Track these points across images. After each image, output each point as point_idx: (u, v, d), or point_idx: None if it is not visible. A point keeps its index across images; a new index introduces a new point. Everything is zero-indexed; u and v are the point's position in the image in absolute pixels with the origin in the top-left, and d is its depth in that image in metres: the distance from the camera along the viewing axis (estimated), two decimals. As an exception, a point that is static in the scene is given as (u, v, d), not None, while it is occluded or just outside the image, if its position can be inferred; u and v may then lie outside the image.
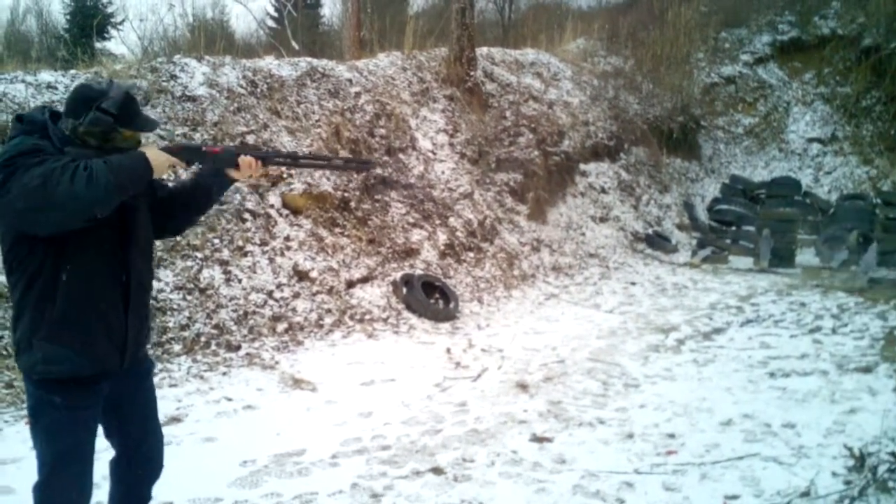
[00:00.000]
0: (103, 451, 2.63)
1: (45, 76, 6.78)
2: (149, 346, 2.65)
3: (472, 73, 11.36)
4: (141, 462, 2.53)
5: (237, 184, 2.90)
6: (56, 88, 6.63)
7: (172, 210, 2.55)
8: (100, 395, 2.30)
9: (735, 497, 3.49)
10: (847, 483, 3.55)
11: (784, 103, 16.83)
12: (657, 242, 12.14)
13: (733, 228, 12.85)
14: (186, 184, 2.58)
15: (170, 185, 2.66)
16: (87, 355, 2.21)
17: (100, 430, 2.43)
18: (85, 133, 2.19)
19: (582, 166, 12.50)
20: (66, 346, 2.17)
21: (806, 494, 3.46)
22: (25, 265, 2.15)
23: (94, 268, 2.21)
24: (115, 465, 2.54)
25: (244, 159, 2.45)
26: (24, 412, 4.38)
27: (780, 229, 11.59)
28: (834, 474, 3.68)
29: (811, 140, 15.90)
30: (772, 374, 5.58)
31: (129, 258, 2.30)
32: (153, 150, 2.26)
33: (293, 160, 3.05)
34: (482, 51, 12.77)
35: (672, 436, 4.33)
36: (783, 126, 16.44)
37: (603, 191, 12.51)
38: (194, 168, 2.51)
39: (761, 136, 16.41)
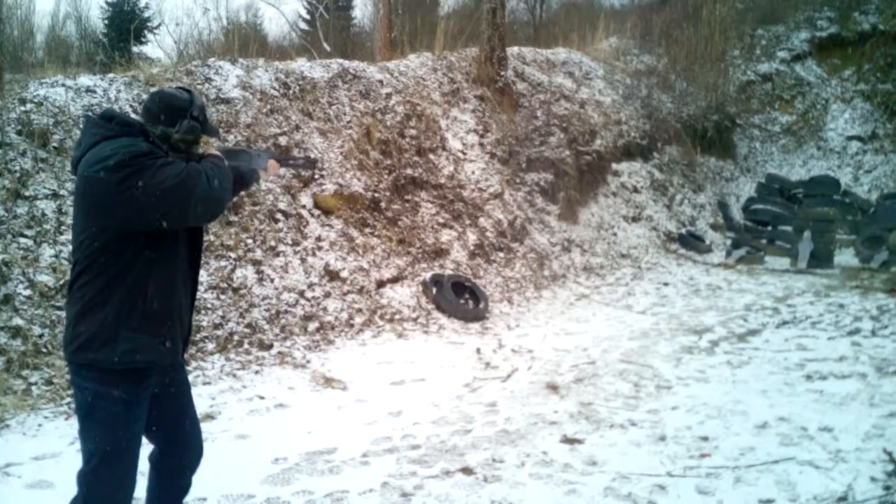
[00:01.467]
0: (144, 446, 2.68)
1: (85, 80, 6.93)
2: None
3: (502, 73, 11.33)
4: (182, 450, 2.60)
5: (270, 184, 3.20)
6: (95, 92, 6.78)
7: None
8: (151, 388, 2.39)
9: (770, 501, 3.42)
10: (886, 488, 3.46)
11: (822, 101, 16.47)
12: (691, 242, 11.97)
13: (769, 228, 12.61)
14: None
15: None
16: (169, 346, 2.35)
17: None
18: (179, 140, 2.35)
19: (614, 166, 12.38)
20: (154, 336, 2.29)
21: (843, 500, 3.38)
22: (115, 258, 2.23)
23: (176, 263, 2.37)
24: (157, 458, 2.61)
25: (272, 162, 2.81)
26: (64, 408, 4.49)
27: (819, 229, 11.33)
28: (873, 479, 3.59)
29: (851, 138, 15.53)
30: (809, 377, 5.46)
31: (197, 257, 2.51)
32: (218, 154, 2.48)
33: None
34: (513, 50, 12.74)
35: (705, 438, 4.27)
36: (821, 124, 16.08)
37: (635, 190, 12.38)
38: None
39: (799, 135, 16.08)
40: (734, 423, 4.53)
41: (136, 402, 2.32)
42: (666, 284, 9.75)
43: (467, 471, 3.87)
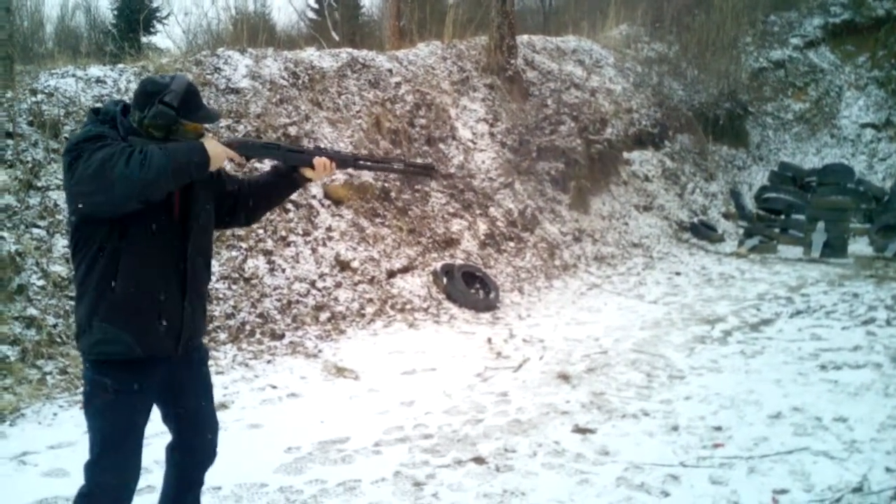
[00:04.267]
0: (154, 437, 2.69)
1: (94, 71, 6.94)
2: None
3: (512, 62, 11.26)
4: (195, 447, 2.58)
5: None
6: (105, 83, 6.79)
7: (247, 201, 2.64)
8: (152, 379, 2.35)
9: (784, 491, 3.41)
10: (903, 479, 3.44)
11: (836, 88, 16.29)
12: (703, 232, 11.90)
13: (782, 217, 12.51)
14: (263, 178, 2.69)
15: (245, 177, 2.76)
16: (142, 339, 2.26)
17: (157, 414, 2.49)
18: (149, 126, 2.28)
19: (625, 154, 12.31)
20: (121, 328, 2.24)
21: (858, 490, 3.36)
22: (88, 247, 2.24)
23: (152, 254, 2.28)
24: (171, 450, 2.60)
25: (319, 160, 2.55)
26: (78, 398, 4.52)
27: (832, 218, 11.22)
28: (888, 470, 3.56)
29: (865, 125, 15.37)
30: (823, 367, 5.43)
31: (187, 248, 2.37)
32: (211, 142, 2.33)
33: (364, 162, 2.95)
34: (523, 38, 12.65)
35: (719, 428, 4.25)
36: (835, 111, 15.92)
37: (647, 179, 12.31)
38: (270, 163, 2.58)
39: (812, 122, 15.92)
40: (748, 413, 4.51)
41: (130, 391, 2.29)
42: (678, 274, 9.71)
43: (479, 460, 3.87)
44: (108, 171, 2.08)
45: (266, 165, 5.84)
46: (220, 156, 2.34)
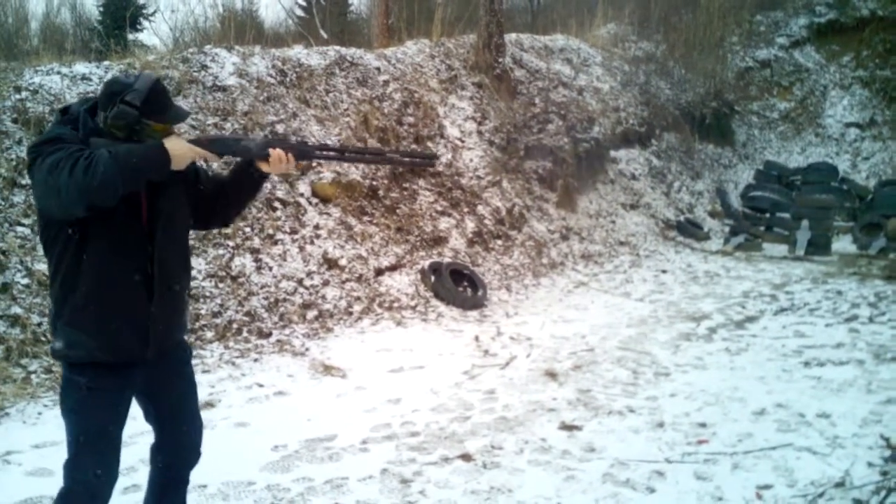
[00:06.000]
0: (139, 435, 2.68)
1: (80, 68, 6.89)
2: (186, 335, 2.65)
3: (500, 60, 11.28)
4: (178, 447, 2.55)
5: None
6: (90, 80, 6.74)
7: (217, 201, 2.54)
8: (127, 379, 2.32)
9: (768, 487, 3.45)
10: (884, 474, 3.48)
11: (821, 87, 16.42)
12: (689, 230, 11.98)
13: (767, 215, 12.62)
14: (226, 177, 2.57)
15: (218, 175, 2.68)
16: (104, 343, 2.21)
17: (140, 413, 2.49)
18: (111, 126, 2.20)
19: (612, 153, 12.36)
20: (83, 333, 2.20)
21: (841, 485, 3.40)
22: (54, 248, 2.23)
23: (115, 257, 2.22)
24: (155, 449, 2.58)
25: (274, 152, 2.37)
26: (63, 397, 4.50)
27: (817, 216, 11.34)
28: (870, 465, 3.61)
29: (849, 125, 15.50)
30: (806, 364, 5.49)
31: (155, 250, 2.29)
32: (174, 142, 2.24)
33: (337, 153, 2.80)
34: (511, 37, 12.67)
35: (703, 425, 4.29)
36: (820, 111, 16.04)
37: (633, 177, 12.37)
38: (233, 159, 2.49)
39: (797, 121, 16.04)
40: (732, 409, 4.55)
41: (105, 390, 2.26)
42: (664, 272, 9.76)
43: (466, 457, 3.88)
44: (55, 178, 2.03)
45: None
46: (184, 155, 2.24)
